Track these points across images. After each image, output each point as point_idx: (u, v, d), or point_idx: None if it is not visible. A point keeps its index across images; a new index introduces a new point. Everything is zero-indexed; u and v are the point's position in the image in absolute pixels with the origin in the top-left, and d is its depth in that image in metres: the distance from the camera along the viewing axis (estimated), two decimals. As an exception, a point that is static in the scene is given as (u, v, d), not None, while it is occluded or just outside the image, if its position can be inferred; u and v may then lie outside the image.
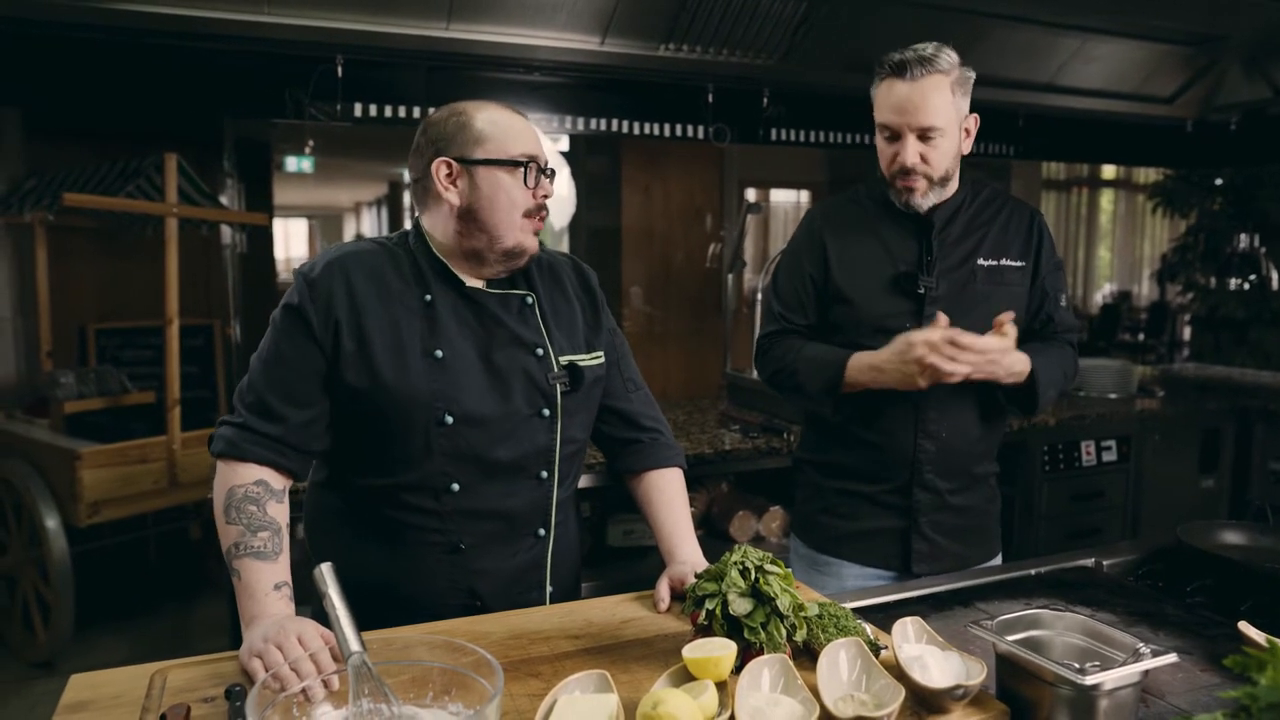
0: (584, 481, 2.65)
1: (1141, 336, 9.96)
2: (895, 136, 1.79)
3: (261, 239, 5.16)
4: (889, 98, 1.77)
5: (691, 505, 3.13)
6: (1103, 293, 11.35)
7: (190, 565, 4.38)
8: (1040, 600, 1.63)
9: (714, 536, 3.16)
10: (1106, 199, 11.47)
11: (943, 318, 1.74)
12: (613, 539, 2.99)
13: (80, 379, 3.76)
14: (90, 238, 4.43)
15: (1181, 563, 1.81)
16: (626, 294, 4.11)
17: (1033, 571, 1.80)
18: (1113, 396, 3.83)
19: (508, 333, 1.50)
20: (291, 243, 9.77)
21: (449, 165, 1.46)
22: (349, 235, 10.57)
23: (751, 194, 7.07)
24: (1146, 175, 8.93)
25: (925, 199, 1.83)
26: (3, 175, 4.08)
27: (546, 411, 1.51)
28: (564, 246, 5.20)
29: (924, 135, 1.75)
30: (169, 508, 3.74)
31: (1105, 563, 1.87)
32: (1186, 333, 9.68)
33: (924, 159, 1.77)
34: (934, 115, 1.73)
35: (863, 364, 1.83)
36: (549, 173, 1.51)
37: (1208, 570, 1.75)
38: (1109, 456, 3.50)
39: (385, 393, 1.42)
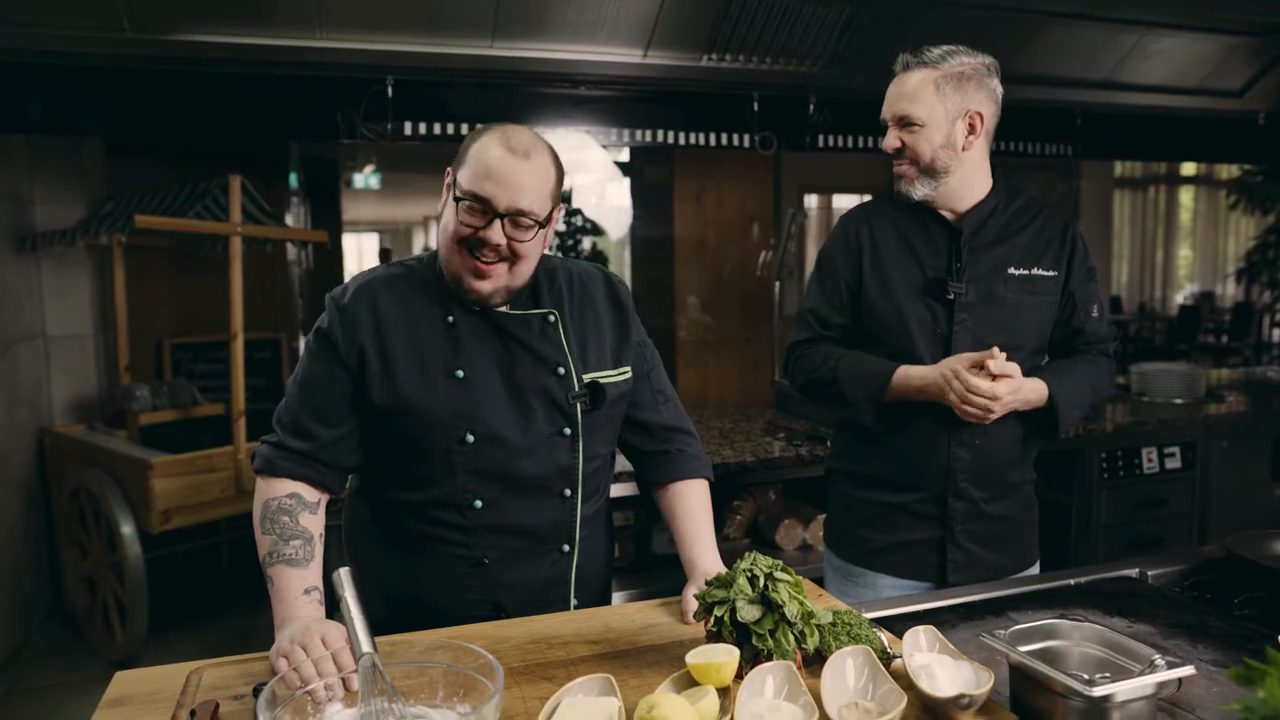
0: (627, 489, 2.67)
1: (1224, 339, 9.56)
2: (887, 127, 1.91)
3: (327, 254, 5.33)
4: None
5: (739, 513, 3.17)
6: (1184, 294, 10.93)
7: (259, 570, 4.53)
8: (1076, 611, 1.59)
9: (760, 544, 3.14)
10: (1187, 196, 11.05)
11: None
12: (658, 546, 3.00)
13: (154, 392, 3.93)
14: (165, 257, 4.64)
15: (1231, 574, 1.75)
16: (683, 303, 4.12)
17: (1072, 582, 1.76)
18: (1178, 402, 3.70)
19: (529, 352, 1.52)
20: (365, 257, 10.05)
21: (450, 174, 1.50)
22: (418, 248, 10.83)
23: (814, 200, 7.00)
24: (1230, 171, 8.57)
25: (913, 187, 1.88)
26: (85, 198, 4.30)
27: (568, 430, 1.53)
28: (625, 256, 5.24)
29: (902, 124, 1.85)
30: (240, 515, 3.88)
31: (1151, 573, 1.81)
32: (1276, 334, 9.26)
33: (904, 145, 1.85)
34: (908, 106, 1.83)
35: (911, 385, 1.85)
36: (505, 219, 1.41)
37: (1258, 582, 1.68)
38: (1172, 464, 3.38)
39: (409, 411, 1.47)
